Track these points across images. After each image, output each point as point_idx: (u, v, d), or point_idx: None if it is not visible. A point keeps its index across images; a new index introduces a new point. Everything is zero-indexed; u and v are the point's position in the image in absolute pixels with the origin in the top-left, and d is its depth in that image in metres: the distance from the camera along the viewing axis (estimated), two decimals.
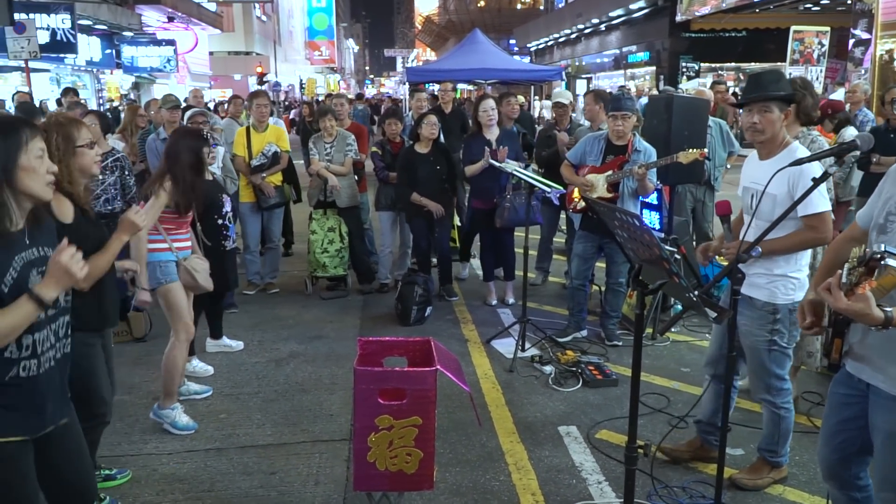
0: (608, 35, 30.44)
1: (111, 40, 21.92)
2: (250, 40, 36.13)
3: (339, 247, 6.44)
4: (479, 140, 5.97)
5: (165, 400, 4.02)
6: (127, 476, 3.49)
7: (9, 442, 2.06)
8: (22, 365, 2.05)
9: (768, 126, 3.06)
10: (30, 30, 13.10)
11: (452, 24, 49.24)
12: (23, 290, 1.99)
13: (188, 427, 3.99)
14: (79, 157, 2.88)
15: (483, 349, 5.26)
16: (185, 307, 4.06)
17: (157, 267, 3.91)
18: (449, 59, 15.05)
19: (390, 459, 2.89)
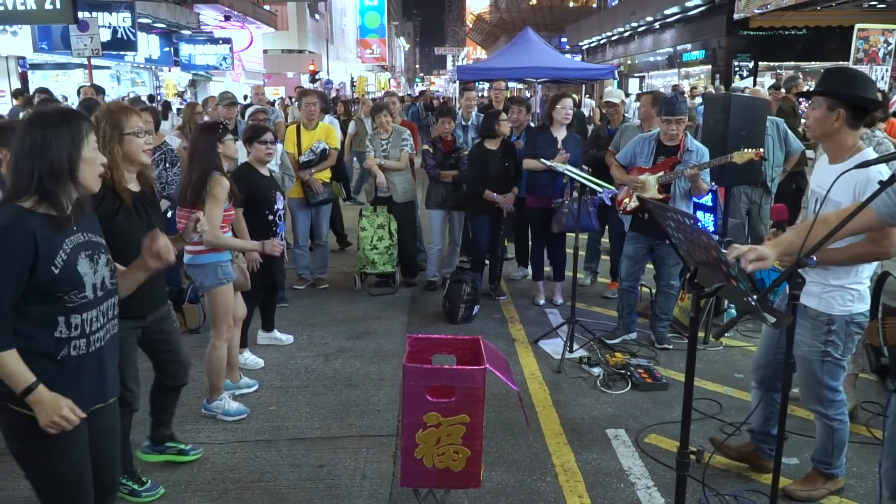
0: (662, 33, 29.89)
1: (170, 38, 22.52)
2: (303, 38, 36.66)
3: (389, 244, 6.49)
4: (546, 135, 5.90)
5: (212, 394, 4.12)
6: (199, 453, 3.64)
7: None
8: (72, 344, 2.14)
9: (815, 123, 2.97)
10: (92, 28, 13.56)
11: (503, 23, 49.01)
12: (73, 273, 2.11)
13: (240, 412, 4.11)
14: (126, 143, 2.93)
15: (530, 349, 5.23)
16: (232, 307, 4.12)
17: (219, 267, 3.94)
18: (499, 57, 14.98)
19: (437, 457, 2.90)
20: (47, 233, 2.07)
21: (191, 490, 3.39)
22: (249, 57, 29.09)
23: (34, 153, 2.09)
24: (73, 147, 2.14)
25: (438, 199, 6.50)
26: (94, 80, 13.63)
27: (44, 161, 2.09)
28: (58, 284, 2.08)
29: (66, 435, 2.14)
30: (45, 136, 2.11)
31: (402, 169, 6.54)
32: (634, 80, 33.98)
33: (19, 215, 2.05)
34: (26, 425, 2.10)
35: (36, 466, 2.19)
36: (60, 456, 2.17)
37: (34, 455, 2.17)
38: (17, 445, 2.18)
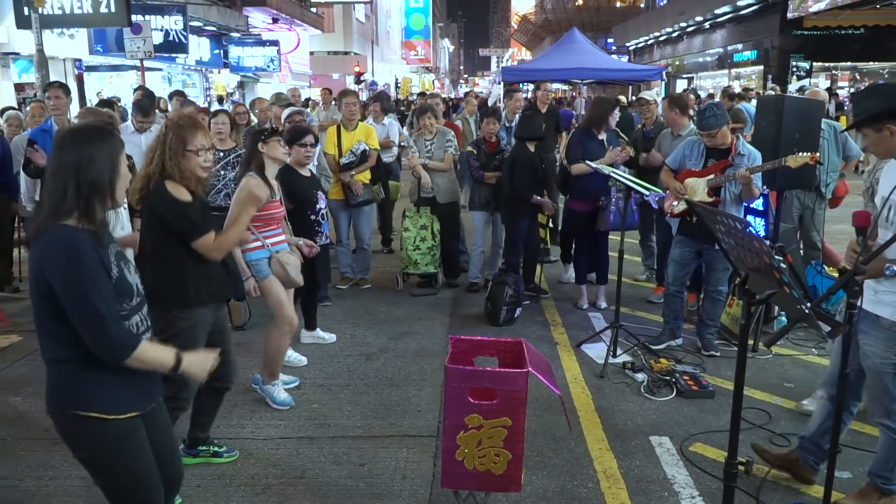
0: (712, 33, 29.33)
1: (219, 41, 23.00)
2: (349, 40, 37.07)
3: (431, 244, 6.50)
4: (593, 138, 5.85)
5: (268, 378, 4.26)
6: (234, 455, 3.66)
7: (129, 418, 2.22)
8: None
9: (876, 149, 2.90)
10: (145, 31, 13.95)
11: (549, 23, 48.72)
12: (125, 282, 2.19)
13: (285, 402, 4.22)
14: (186, 160, 3.05)
15: (573, 353, 5.18)
16: (286, 299, 4.19)
17: (251, 266, 4.05)
18: (545, 58, 14.89)
19: (478, 459, 2.89)
20: (96, 246, 2.10)
21: (234, 484, 3.44)
22: (296, 59, 29.53)
23: (80, 170, 2.09)
24: (113, 164, 2.16)
25: (482, 200, 6.47)
26: (146, 82, 14.04)
27: (89, 178, 2.10)
28: (116, 294, 2.13)
29: (129, 437, 2.21)
30: (91, 153, 2.12)
31: (446, 170, 6.55)
32: (682, 82, 33.41)
33: (72, 232, 2.07)
34: (94, 431, 2.16)
35: (106, 471, 2.25)
36: (131, 458, 2.23)
37: (103, 461, 2.23)
38: (86, 453, 2.23)
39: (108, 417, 2.16)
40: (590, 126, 5.99)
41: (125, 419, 2.21)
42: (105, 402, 2.16)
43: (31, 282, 2.13)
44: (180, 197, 3.00)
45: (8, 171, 6.43)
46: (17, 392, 4.48)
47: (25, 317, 5.89)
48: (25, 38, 13.08)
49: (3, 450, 3.77)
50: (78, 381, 2.15)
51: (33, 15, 11.10)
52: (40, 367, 5.02)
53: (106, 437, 2.18)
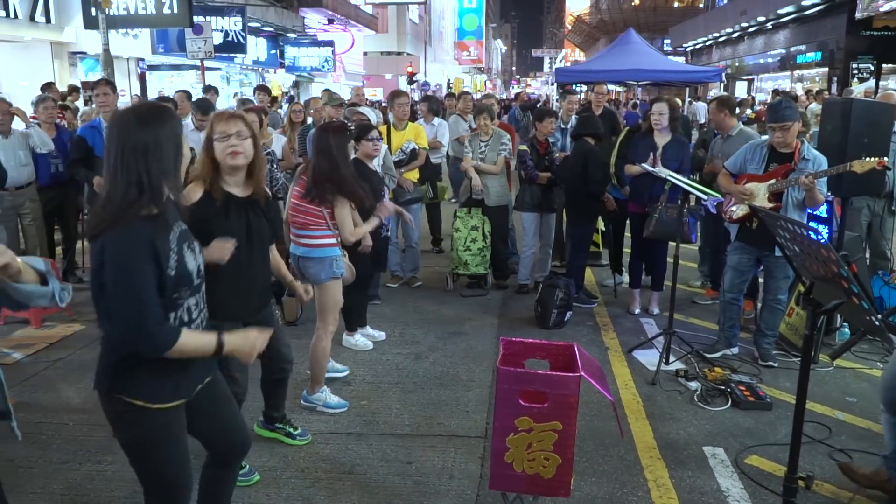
0: (775, 34, 28.50)
1: (276, 41, 23.44)
2: (402, 41, 37.31)
3: (482, 245, 6.49)
4: (648, 141, 5.75)
5: (313, 386, 4.24)
6: (307, 439, 3.78)
7: (172, 407, 2.23)
8: None
9: None
10: (206, 31, 14.29)
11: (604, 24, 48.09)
12: (185, 271, 2.14)
13: (340, 405, 4.23)
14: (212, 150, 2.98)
15: (624, 359, 5.10)
16: (341, 300, 4.23)
17: (334, 261, 4.03)
18: (600, 59, 14.73)
19: (528, 462, 2.86)
20: (157, 235, 2.07)
21: (285, 476, 3.50)
22: (350, 59, 29.89)
23: (147, 153, 2.04)
24: (177, 145, 2.13)
25: (533, 201, 6.40)
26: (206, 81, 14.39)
27: (155, 161, 2.05)
28: (174, 286, 2.11)
29: (169, 427, 2.24)
30: (156, 135, 2.06)
31: (497, 173, 6.51)
32: (742, 83, 32.58)
33: (134, 224, 2.03)
34: (137, 418, 2.18)
35: (140, 458, 2.27)
36: (166, 447, 2.26)
37: (139, 447, 2.25)
38: (125, 437, 2.26)
39: (151, 406, 2.17)
40: (644, 128, 5.92)
41: (168, 409, 2.22)
42: (150, 391, 2.17)
43: (92, 268, 2.17)
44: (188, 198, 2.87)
45: None
46: (80, 379, 4.64)
47: (89, 306, 6.08)
48: (92, 38, 13.56)
49: (65, 434, 3.91)
50: (127, 367, 2.15)
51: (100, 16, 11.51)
52: None
53: (147, 425, 2.20)
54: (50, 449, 3.73)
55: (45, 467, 3.55)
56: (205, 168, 3.00)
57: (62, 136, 6.65)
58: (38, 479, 3.41)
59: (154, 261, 2.04)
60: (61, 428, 3.97)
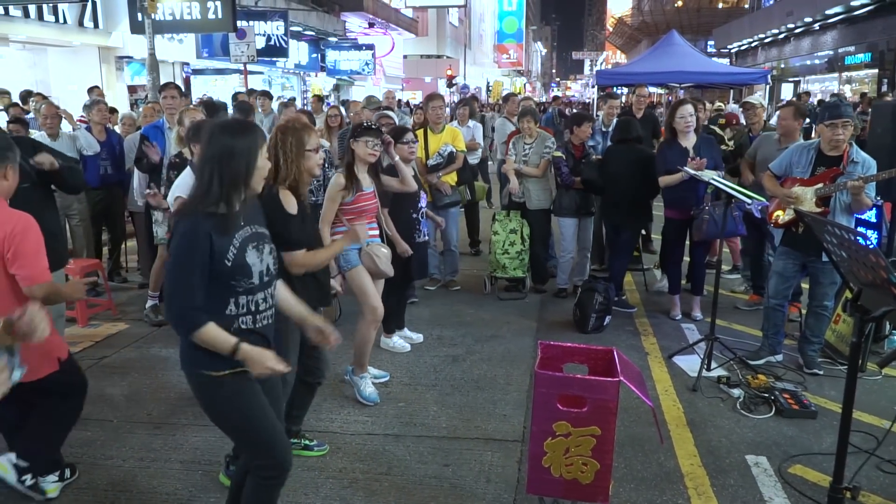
0: (822, 35, 27.82)
1: (317, 45, 23.74)
2: (442, 44, 37.46)
3: (520, 249, 6.46)
4: (675, 148, 5.66)
5: (358, 369, 4.41)
6: (324, 449, 3.76)
7: (234, 374, 2.41)
8: (241, 320, 2.43)
9: None
10: (249, 36, 14.56)
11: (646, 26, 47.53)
12: (243, 263, 2.36)
13: (371, 398, 4.32)
14: (307, 159, 3.18)
15: (664, 364, 5.02)
16: (371, 290, 4.27)
17: (340, 256, 4.13)
18: (642, 61, 14.56)
19: (565, 467, 2.84)
20: (219, 232, 2.34)
21: (323, 476, 3.53)
22: (390, 62, 30.12)
23: (222, 161, 2.33)
24: (252, 157, 2.38)
25: (572, 206, 6.35)
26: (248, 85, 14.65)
27: (227, 169, 2.34)
28: (230, 275, 2.36)
29: (240, 392, 2.45)
30: (232, 147, 2.35)
31: (539, 176, 6.48)
32: (788, 85, 31.85)
33: (197, 220, 2.32)
34: (209, 387, 2.43)
35: (225, 422, 2.52)
36: (250, 407, 2.46)
37: (220, 413, 2.49)
38: (207, 406, 2.51)
39: (221, 374, 2.39)
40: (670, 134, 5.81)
41: (231, 375, 2.41)
42: (217, 361, 2.38)
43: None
44: (288, 208, 3.11)
45: (121, 168, 6.85)
46: (124, 377, 4.76)
47: (133, 305, 6.26)
48: (138, 42, 13.91)
49: (109, 431, 4.00)
50: (193, 344, 2.38)
51: (146, 21, 11.79)
52: (146, 354, 5.34)
53: (218, 393, 2.44)
54: (94, 445, 3.82)
55: (89, 463, 3.64)
56: (292, 175, 3.16)
57: (111, 139, 6.84)
58: (82, 475, 3.49)
59: (208, 251, 2.30)
60: (105, 425, 4.07)
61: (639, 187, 5.93)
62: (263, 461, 2.53)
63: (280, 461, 2.53)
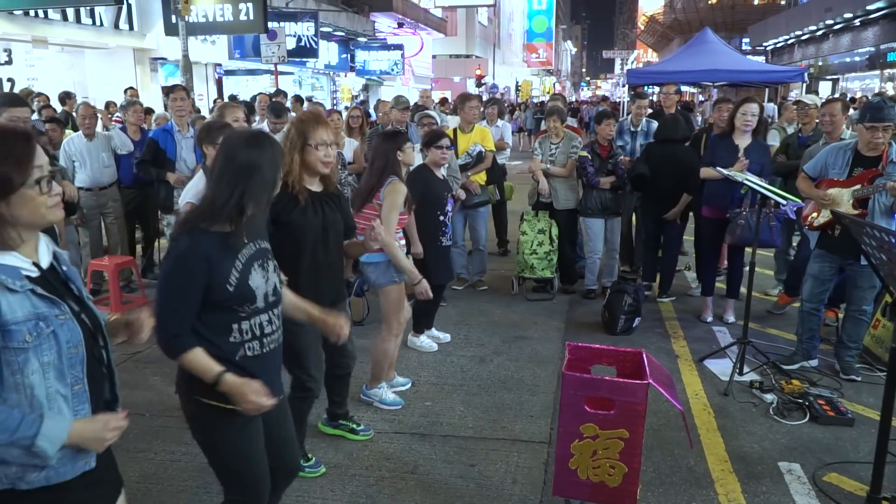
0: (863, 31, 27.20)
1: (347, 45, 23.88)
2: (471, 43, 37.41)
3: (549, 249, 6.42)
4: (727, 144, 5.56)
5: (373, 382, 4.33)
6: (369, 434, 3.86)
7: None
8: (247, 346, 2.26)
9: None
10: (280, 37, 14.69)
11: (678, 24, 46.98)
12: (246, 288, 2.19)
13: (395, 402, 4.28)
14: (306, 153, 3.05)
15: (694, 368, 4.95)
16: (404, 304, 4.26)
17: (392, 266, 4.08)
18: (674, 59, 14.35)
19: (592, 469, 2.81)
20: (221, 252, 2.15)
21: (349, 474, 3.54)
22: (419, 62, 30.16)
23: (239, 176, 2.15)
24: (273, 174, 2.23)
25: (597, 206, 6.29)
26: (279, 85, 14.78)
27: (252, 184, 2.16)
28: (232, 300, 2.18)
29: (243, 428, 2.29)
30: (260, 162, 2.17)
31: (566, 176, 6.44)
32: (826, 83, 31.22)
33: (196, 240, 2.14)
34: (212, 417, 2.25)
35: (216, 454, 2.35)
36: (244, 445, 2.32)
37: (214, 444, 2.33)
38: (204, 436, 2.34)
39: (225, 407, 2.22)
40: (725, 130, 5.71)
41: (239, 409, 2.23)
42: (223, 393, 2.20)
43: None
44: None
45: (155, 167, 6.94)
46: (157, 372, 4.83)
47: None
48: (172, 44, 14.13)
49: (142, 424, 4.07)
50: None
51: (180, 23, 11.97)
52: None
53: (222, 425, 2.27)
54: (126, 438, 3.84)
55: (122, 455, 3.63)
56: (294, 167, 3.05)
57: (146, 139, 6.94)
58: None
59: (205, 274, 2.13)
60: (137, 418, 4.13)
61: (679, 185, 5.95)
62: (241, 499, 2.41)
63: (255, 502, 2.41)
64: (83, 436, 1.76)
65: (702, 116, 20.11)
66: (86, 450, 1.81)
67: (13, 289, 1.66)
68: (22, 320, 1.65)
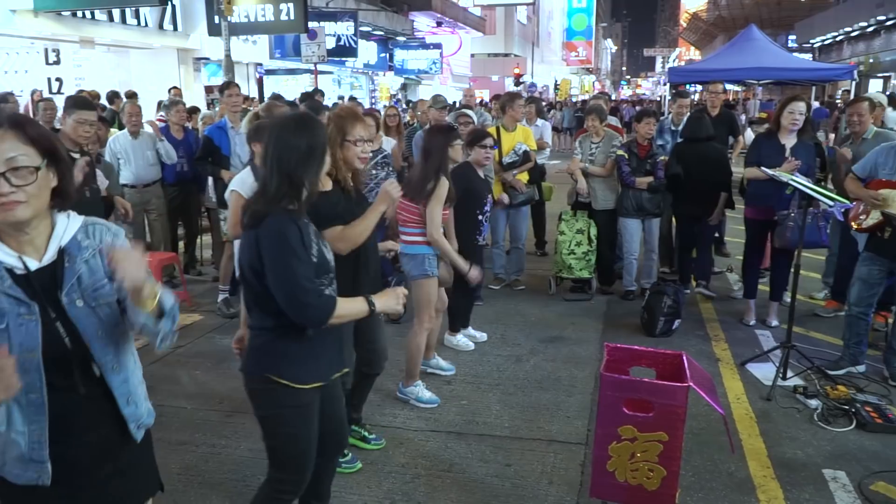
0: None
1: (386, 45, 24.01)
2: (510, 42, 37.28)
3: (587, 249, 6.36)
4: (773, 143, 5.42)
5: (408, 380, 4.33)
6: (381, 444, 3.79)
7: (311, 388, 2.40)
8: None
9: None
10: (320, 36, 14.84)
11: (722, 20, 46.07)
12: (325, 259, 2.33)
13: (432, 401, 4.28)
14: (344, 149, 3.12)
15: (736, 371, 4.85)
16: (436, 298, 4.27)
17: (426, 259, 4.13)
18: (717, 57, 14.07)
19: (630, 472, 2.78)
20: (299, 227, 2.27)
21: (385, 471, 3.56)
22: (457, 61, 30.17)
23: (292, 159, 2.27)
24: (322, 153, 2.35)
25: (633, 206, 6.19)
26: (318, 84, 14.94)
27: (299, 166, 2.28)
28: (316, 272, 2.27)
29: (306, 407, 2.41)
30: (303, 143, 2.29)
31: (605, 175, 6.37)
32: (877, 81, 30.29)
33: (281, 217, 2.25)
34: (278, 394, 2.35)
35: (277, 431, 2.44)
36: (302, 424, 2.42)
37: (278, 421, 2.42)
38: (266, 411, 2.44)
39: (293, 385, 2.34)
40: (770, 129, 5.58)
41: (308, 389, 2.38)
42: (294, 371, 2.35)
43: (243, 260, 2.34)
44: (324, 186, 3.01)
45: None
46: (198, 366, 4.92)
47: (207, 297, 6.46)
48: (214, 44, 14.38)
49: (183, 418, 4.15)
50: (274, 348, 2.35)
51: (223, 23, 12.17)
52: (219, 344, 5.50)
53: (287, 403, 2.37)
54: (169, 430, 3.96)
55: (164, 447, 3.76)
56: (337, 163, 3.10)
57: (188, 138, 7.08)
58: (157, 458, 3.62)
59: (301, 244, 2.24)
60: (179, 411, 4.22)
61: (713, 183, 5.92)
62: (287, 477, 2.49)
63: (302, 481, 2.51)
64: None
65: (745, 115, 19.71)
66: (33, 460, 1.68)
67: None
68: None
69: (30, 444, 1.69)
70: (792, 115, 5.31)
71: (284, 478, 2.49)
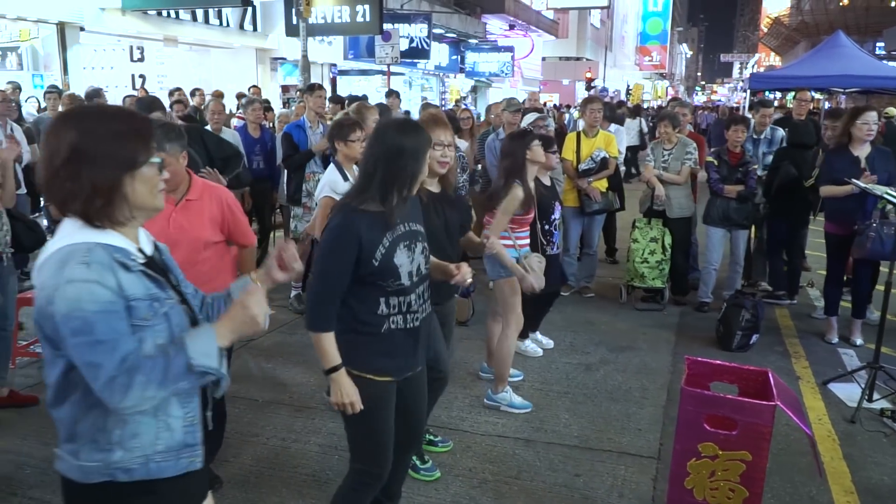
0: None
1: (457, 47, 24.05)
2: (582, 46, 36.81)
3: (660, 258, 6.20)
4: (846, 157, 5.20)
5: (498, 385, 4.29)
6: (448, 447, 3.77)
7: (382, 381, 2.45)
8: (391, 320, 2.42)
9: None
10: (394, 38, 14.96)
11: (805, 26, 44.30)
12: (390, 264, 2.33)
13: (524, 406, 4.25)
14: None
15: (817, 391, 4.64)
16: (519, 300, 4.23)
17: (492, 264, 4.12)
18: (801, 64, 13.53)
19: (710, 490, 2.68)
20: (371, 230, 2.32)
21: (453, 474, 3.54)
22: (528, 64, 29.96)
23: (388, 159, 2.32)
24: (419, 158, 2.37)
25: (719, 215, 6.03)
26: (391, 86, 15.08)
27: (393, 168, 2.32)
28: (376, 275, 2.34)
29: (379, 398, 2.46)
30: (401, 147, 2.33)
31: (681, 183, 6.20)
32: None
33: (350, 216, 2.32)
34: (359, 387, 2.40)
35: (356, 422, 2.48)
36: (376, 415, 2.48)
37: (360, 413, 2.45)
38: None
39: (365, 376, 2.41)
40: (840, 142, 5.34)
41: (379, 381, 2.44)
42: (365, 362, 2.42)
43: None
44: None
45: (272, 163, 7.23)
46: (270, 360, 5.02)
47: (280, 293, 6.58)
48: (290, 44, 14.71)
49: (256, 409, 4.24)
50: (344, 340, 2.40)
51: (301, 24, 12.42)
52: (289, 339, 5.59)
53: (363, 393, 2.41)
54: (241, 422, 4.05)
55: (237, 438, 3.86)
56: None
57: (264, 136, 7.24)
58: (230, 449, 3.71)
59: (355, 247, 2.29)
60: (251, 404, 4.31)
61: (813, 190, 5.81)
62: (367, 467, 2.54)
63: (381, 472, 2.55)
64: (235, 329, 1.68)
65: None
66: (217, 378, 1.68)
67: (129, 267, 1.61)
68: (140, 297, 1.61)
69: (185, 427, 1.73)
70: (867, 125, 5.13)
71: (362, 469, 2.55)
